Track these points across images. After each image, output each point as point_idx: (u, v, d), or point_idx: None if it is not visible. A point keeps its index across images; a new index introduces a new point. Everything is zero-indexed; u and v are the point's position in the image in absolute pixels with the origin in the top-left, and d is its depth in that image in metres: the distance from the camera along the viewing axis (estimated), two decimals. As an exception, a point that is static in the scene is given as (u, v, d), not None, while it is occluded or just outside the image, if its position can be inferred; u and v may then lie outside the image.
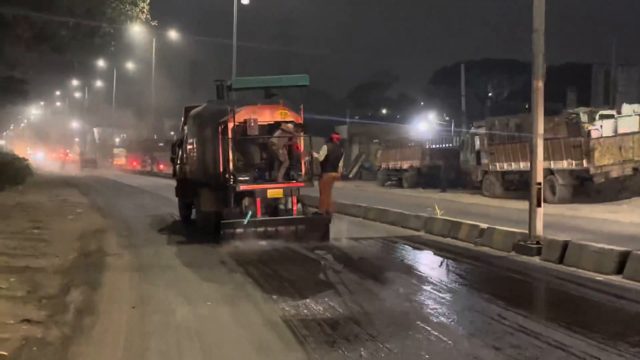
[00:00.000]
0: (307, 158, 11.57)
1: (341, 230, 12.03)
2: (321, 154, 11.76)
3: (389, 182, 30.91)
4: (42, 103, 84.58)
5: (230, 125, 11.13)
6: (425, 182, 27.33)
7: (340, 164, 12.23)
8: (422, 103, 56.29)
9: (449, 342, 5.17)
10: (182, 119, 14.82)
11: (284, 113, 11.54)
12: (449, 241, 11.06)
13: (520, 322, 5.69)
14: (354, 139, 46.38)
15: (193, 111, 13.42)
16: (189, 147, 13.73)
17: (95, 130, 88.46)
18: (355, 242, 11.11)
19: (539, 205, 9.27)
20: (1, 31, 24.41)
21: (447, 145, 28.89)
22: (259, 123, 11.32)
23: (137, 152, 66.29)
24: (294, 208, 11.34)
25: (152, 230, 13.58)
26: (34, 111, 78.91)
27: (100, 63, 60.88)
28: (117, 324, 5.82)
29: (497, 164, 20.32)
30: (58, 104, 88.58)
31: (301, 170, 11.57)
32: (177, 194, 15.46)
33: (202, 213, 12.33)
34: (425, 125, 43.60)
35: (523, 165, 18.96)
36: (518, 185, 20.61)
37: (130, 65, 59.21)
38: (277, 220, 11.20)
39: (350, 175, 36.96)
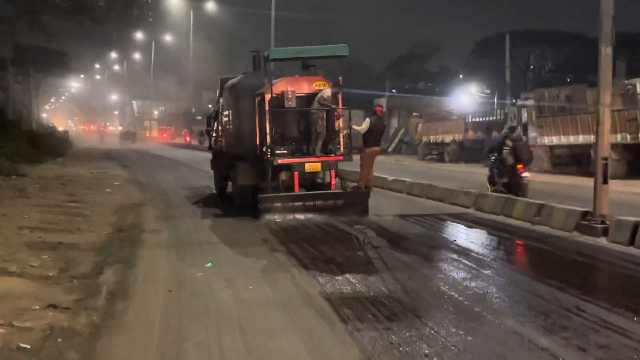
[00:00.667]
0: (345, 131, 11.01)
1: (384, 206, 11.46)
2: (363, 126, 11.20)
3: (430, 156, 30.11)
4: (82, 76, 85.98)
5: (268, 96, 10.64)
6: (468, 157, 26.42)
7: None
8: (460, 76, 54.57)
9: (518, 333, 4.59)
10: (218, 90, 14.37)
11: (322, 84, 10.96)
12: (502, 219, 10.34)
13: (602, 316, 5.02)
14: (393, 113, 45.23)
15: (229, 83, 12.94)
16: (224, 119, 13.29)
17: (135, 103, 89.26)
18: (400, 219, 10.54)
19: (605, 182, 8.48)
20: (40, 0, 24.36)
21: (490, 118, 27.77)
22: (296, 94, 10.77)
23: (170, 125, 66.65)
24: (332, 182, 10.85)
25: (190, 204, 13.27)
26: (74, 84, 79.95)
27: (139, 35, 61.57)
28: (152, 309, 5.37)
29: (546, 138, 19.30)
30: (97, 76, 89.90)
31: (339, 144, 11.07)
32: (212, 166, 15.17)
33: (238, 187, 11.94)
34: (466, 98, 42.50)
35: (574, 139, 17.98)
36: (567, 160, 19.62)
37: (168, 37, 59.31)
38: (315, 194, 10.76)
39: (389, 150, 36.17)
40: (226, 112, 13.07)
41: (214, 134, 14.81)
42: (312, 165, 10.61)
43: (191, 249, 8.19)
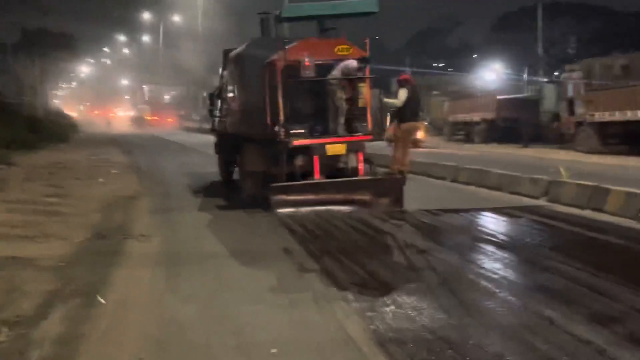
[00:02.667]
0: (375, 105, 9.01)
1: (429, 197, 9.51)
2: (400, 98, 9.23)
3: (457, 137, 28.05)
4: (91, 60, 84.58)
5: (280, 65, 8.68)
6: (500, 136, 24.30)
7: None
8: (474, 56, 51.88)
9: None
10: (221, 64, 12.43)
11: (346, 48, 8.94)
12: (592, 215, 8.06)
13: None
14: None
15: (233, 52, 11.00)
16: (229, 95, 11.38)
17: (145, 87, 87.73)
18: (454, 215, 8.45)
19: None
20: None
21: (523, 95, 25.63)
22: (315, 62, 8.75)
23: (168, 110, 65.54)
24: (360, 167, 8.86)
25: (191, 195, 11.40)
26: (83, 69, 78.47)
27: (146, 15, 59.79)
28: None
29: (596, 114, 17.05)
30: (107, 61, 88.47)
31: (366, 121, 9.11)
32: (216, 150, 13.30)
33: (246, 174, 10.07)
34: (491, 75, 40.16)
35: (631, 115, 15.76)
36: (619, 140, 17.43)
37: (176, 19, 57.43)
38: (340, 182, 8.80)
39: (410, 130, 34.04)
40: (231, 88, 11.16)
41: (218, 114, 12.91)
42: (336, 147, 8.64)
43: (188, 269, 5.96)
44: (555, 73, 20.44)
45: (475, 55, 50.98)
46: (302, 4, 9.62)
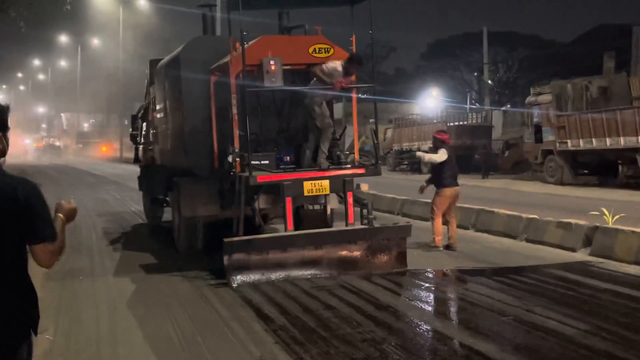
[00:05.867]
0: (370, 127, 6.78)
1: (427, 246, 7.23)
2: (441, 156, 7.14)
3: (401, 166, 26.30)
4: (3, 86, 78.81)
5: (234, 70, 6.21)
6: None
7: None
8: (405, 86, 51.29)
9: None
10: (147, 79, 9.82)
11: (324, 48, 6.58)
12: None
13: None
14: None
15: (164, 60, 8.44)
16: (158, 116, 8.76)
17: (63, 115, 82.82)
18: (482, 278, 6.07)
19: None
20: None
21: (477, 122, 24.34)
22: (283, 65, 6.31)
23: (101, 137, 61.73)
24: (349, 212, 6.38)
25: (109, 249, 8.48)
26: (-3, 96, 72.69)
27: (63, 38, 55.59)
28: None
29: (569, 142, 15.45)
30: (21, 87, 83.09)
31: (348, 149, 6.95)
32: (141, 186, 10.56)
33: (183, 221, 7.42)
34: (432, 101, 39.17)
35: (611, 142, 14.25)
36: (591, 169, 15.98)
37: (96, 42, 53.74)
38: (321, 235, 6.29)
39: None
40: (160, 106, 8.55)
41: (143, 140, 10.19)
42: (316, 185, 6.14)
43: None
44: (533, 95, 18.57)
45: (410, 82, 50.26)
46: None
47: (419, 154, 8.32)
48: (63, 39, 55.94)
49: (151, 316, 5.09)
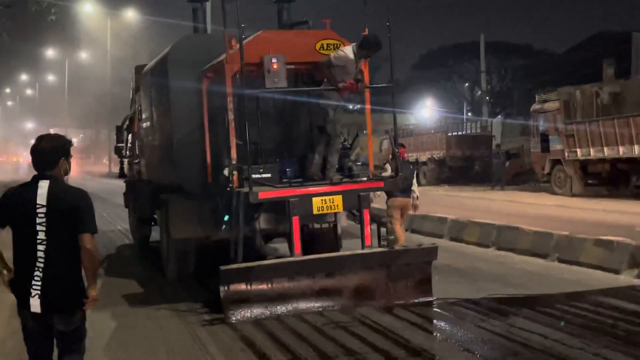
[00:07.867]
0: (386, 136, 6.10)
1: (450, 271, 6.35)
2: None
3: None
4: (-8, 102, 77.80)
5: (230, 70, 5.36)
6: (449, 177, 21.96)
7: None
8: (398, 96, 51.00)
9: None
10: (133, 84, 8.94)
11: (333, 44, 5.74)
12: None
13: None
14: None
15: (150, 64, 7.59)
16: (144, 125, 7.87)
17: (52, 131, 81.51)
18: (526, 310, 5.13)
19: None
20: None
21: (477, 132, 23.72)
22: (287, 65, 5.47)
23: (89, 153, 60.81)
24: (366, 231, 5.48)
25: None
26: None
27: (50, 52, 54.59)
28: None
29: (579, 150, 14.67)
30: (9, 103, 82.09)
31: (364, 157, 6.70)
32: (127, 203, 9.69)
33: (172, 243, 6.52)
34: (427, 112, 38.60)
35: (624, 151, 13.49)
36: (600, 180, 15.19)
37: (83, 56, 52.77)
38: (334, 260, 5.39)
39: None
40: (147, 115, 7.66)
41: (128, 153, 9.30)
42: (327, 201, 5.25)
43: None
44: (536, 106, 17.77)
45: (402, 93, 49.81)
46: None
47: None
48: (50, 52, 54.95)
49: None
